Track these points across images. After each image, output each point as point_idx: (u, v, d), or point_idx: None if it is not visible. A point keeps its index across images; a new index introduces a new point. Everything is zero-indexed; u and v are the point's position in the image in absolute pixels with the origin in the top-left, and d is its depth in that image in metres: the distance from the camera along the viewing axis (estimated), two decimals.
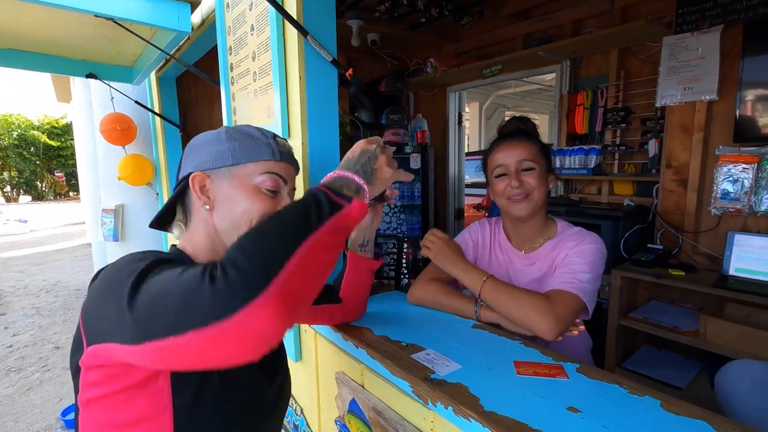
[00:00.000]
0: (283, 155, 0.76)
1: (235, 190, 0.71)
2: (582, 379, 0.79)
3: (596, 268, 1.05)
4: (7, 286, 5.46)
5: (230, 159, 0.71)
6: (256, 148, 0.73)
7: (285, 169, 0.76)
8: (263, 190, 0.72)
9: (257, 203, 0.71)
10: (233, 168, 0.71)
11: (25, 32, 1.87)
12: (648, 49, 2.38)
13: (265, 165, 0.73)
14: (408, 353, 0.90)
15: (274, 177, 0.73)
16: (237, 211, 0.70)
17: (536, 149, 1.12)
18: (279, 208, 0.66)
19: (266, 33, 1.18)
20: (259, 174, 0.72)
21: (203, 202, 0.71)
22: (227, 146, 0.72)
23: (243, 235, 0.49)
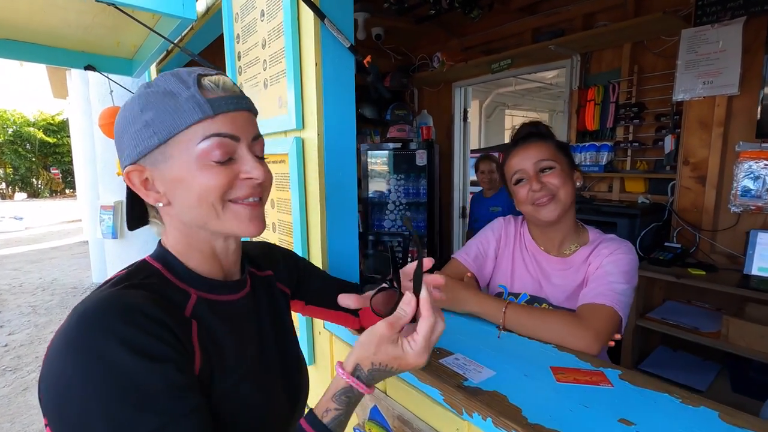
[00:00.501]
0: (218, 105, 0.54)
1: (178, 172, 0.54)
2: (627, 386, 0.74)
3: (631, 279, 0.99)
4: (3, 284, 5.37)
5: (154, 137, 0.53)
6: (177, 111, 0.53)
7: (230, 122, 0.55)
8: (209, 162, 0.54)
9: (210, 181, 0.54)
10: (164, 147, 0.54)
11: (22, 21, 1.79)
12: (662, 44, 2.33)
13: (198, 129, 0.53)
14: (435, 358, 0.84)
15: (217, 140, 0.53)
16: (192, 198, 0.55)
17: (553, 147, 1.05)
18: (241, 173, 0.56)
19: (278, 18, 1.11)
20: (197, 143, 0.53)
21: (153, 199, 0.57)
22: (146, 120, 0.53)
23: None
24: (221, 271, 0.63)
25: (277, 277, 0.78)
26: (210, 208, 0.55)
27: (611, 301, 0.92)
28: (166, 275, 0.58)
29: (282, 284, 0.79)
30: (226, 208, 0.56)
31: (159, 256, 0.60)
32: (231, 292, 0.64)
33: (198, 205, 0.55)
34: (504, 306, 0.96)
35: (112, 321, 0.45)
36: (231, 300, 0.63)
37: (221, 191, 0.55)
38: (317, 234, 1.09)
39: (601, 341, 0.88)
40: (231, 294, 0.64)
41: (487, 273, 1.21)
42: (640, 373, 0.79)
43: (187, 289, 0.58)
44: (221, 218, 0.56)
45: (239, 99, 0.57)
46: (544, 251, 1.13)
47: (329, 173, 1.07)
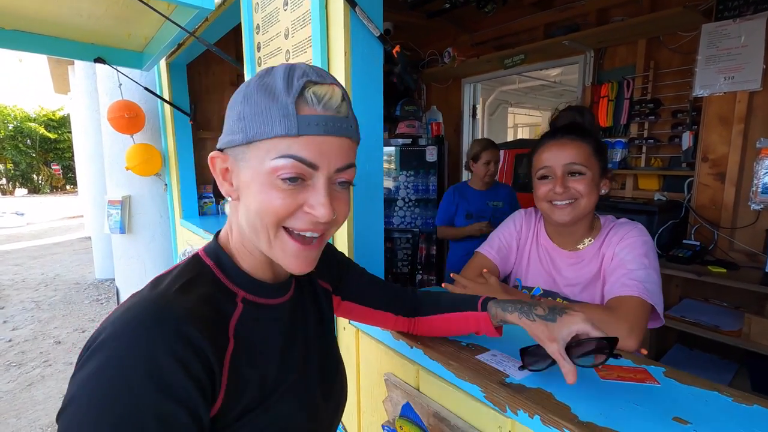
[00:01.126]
0: (307, 124, 0.48)
1: (250, 178, 0.50)
2: (675, 384, 0.72)
3: (650, 262, 0.96)
4: (5, 279, 5.35)
5: (241, 134, 0.50)
6: (266, 116, 0.48)
7: (314, 147, 0.49)
8: (277, 181, 0.49)
9: (270, 200, 0.49)
10: (246, 147, 0.50)
11: (33, 11, 1.77)
12: (679, 39, 2.30)
13: (278, 144, 0.48)
14: (471, 354, 0.82)
15: (290, 162, 0.48)
16: (251, 208, 0.51)
17: (590, 150, 1.00)
18: (306, 205, 0.50)
19: (304, 7, 1.09)
20: (273, 158, 0.48)
21: (226, 190, 0.54)
22: (242, 112, 0.50)
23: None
24: (272, 274, 0.60)
25: (318, 274, 0.74)
26: (263, 229, 0.51)
27: (637, 291, 0.90)
28: (218, 274, 0.55)
29: (323, 281, 0.75)
30: (278, 235, 0.52)
31: (212, 252, 0.57)
32: (278, 295, 0.60)
33: (254, 219, 0.51)
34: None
35: (154, 342, 0.41)
36: (278, 304, 0.60)
37: (278, 217, 0.50)
38: (343, 228, 1.07)
39: (637, 334, 0.86)
40: (278, 297, 0.60)
41: (511, 264, 1.20)
42: (691, 374, 0.76)
43: (236, 291, 0.55)
44: (271, 244, 0.52)
45: (337, 122, 0.50)
46: (558, 246, 1.11)
47: (357, 165, 1.05)
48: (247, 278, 0.57)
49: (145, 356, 0.40)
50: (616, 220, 1.08)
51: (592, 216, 1.08)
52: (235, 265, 0.56)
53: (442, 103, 3.68)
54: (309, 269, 0.55)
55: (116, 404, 0.38)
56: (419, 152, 3.14)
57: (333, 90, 0.50)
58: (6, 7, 1.69)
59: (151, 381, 0.40)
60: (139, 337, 0.41)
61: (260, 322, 0.56)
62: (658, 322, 0.93)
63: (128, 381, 0.39)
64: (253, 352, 0.53)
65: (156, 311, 0.44)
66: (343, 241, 1.08)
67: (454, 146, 3.67)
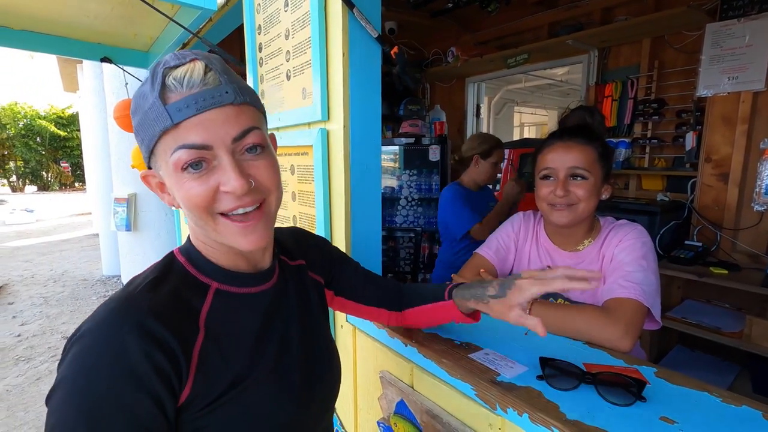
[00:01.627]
0: (178, 110, 0.48)
1: (168, 182, 0.52)
2: (665, 384, 0.72)
3: (648, 264, 0.96)
4: (15, 275, 5.43)
5: (143, 145, 0.52)
6: (145, 120, 0.50)
7: (198, 128, 0.48)
8: (183, 173, 0.50)
9: (187, 194, 0.50)
10: (153, 156, 0.52)
11: (40, 11, 1.80)
12: (684, 38, 2.29)
13: (166, 140, 0.49)
14: (464, 352, 0.83)
15: (183, 152, 0.48)
16: (183, 207, 0.53)
17: (595, 155, 1.00)
18: (220, 185, 0.50)
19: (303, 8, 1.10)
20: (169, 155, 0.49)
21: (168, 202, 0.55)
22: (135, 127, 0.53)
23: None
24: (247, 263, 0.60)
25: (309, 265, 0.75)
26: (202, 222, 0.52)
27: (634, 293, 0.90)
28: (189, 269, 0.57)
29: (315, 273, 0.76)
30: (217, 222, 0.52)
31: (184, 250, 0.59)
32: (256, 284, 0.61)
33: (191, 217, 0.53)
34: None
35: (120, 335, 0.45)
36: (255, 292, 0.60)
37: (204, 206, 0.51)
38: (341, 227, 1.08)
39: (632, 336, 0.86)
40: (255, 286, 0.61)
41: (509, 265, 1.20)
42: (675, 371, 0.77)
43: (209, 282, 0.57)
44: (217, 232, 0.53)
45: (208, 95, 0.48)
46: (558, 247, 1.12)
47: (354, 166, 1.06)
48: (219, 270, 0.58)
49: (112, 347, 0.45)
50: (616, 221, 1.09)
51: (593, 218, 1.08)
52: (206, 259, 0.58)
53: (445, 102, 3.68)
54: (262, 243, 0.55)
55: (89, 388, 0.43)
56: (422, 151, 3.15)
57: (193, 66, 0.49)
58: (16, 7, 1.72)
59: (118, 369, 0.44)
60: (109, 331, 0.46)
61: (234, 311, 0.57)
62: (654, 324, 0.93)
63: (98, 369, 0.44)
64: (224, 341, 0.54)
65: (122, 309, 0.48)
66: (341, 239, 1.09)
67: (458, 146, 3.67)
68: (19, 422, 2.39)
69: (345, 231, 1.07)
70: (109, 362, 0.44)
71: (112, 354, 0.44)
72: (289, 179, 1.27)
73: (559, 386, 0.70)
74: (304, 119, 1.15)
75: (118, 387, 0.43)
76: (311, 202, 1.16)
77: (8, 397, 2.64)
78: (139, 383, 0.44)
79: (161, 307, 0.49)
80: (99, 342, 0.45)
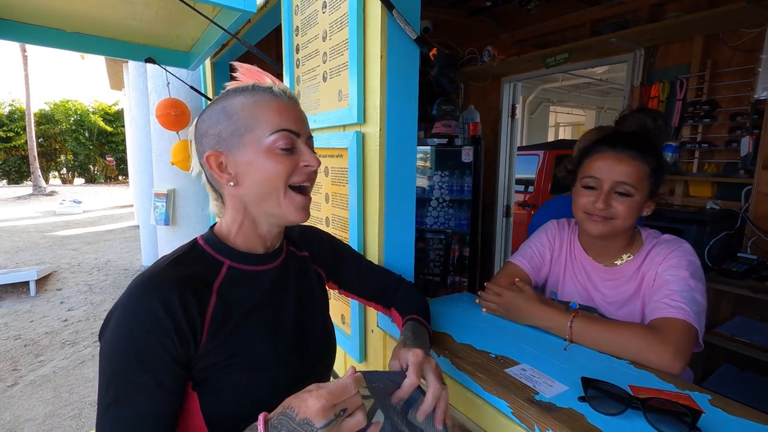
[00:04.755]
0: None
1: (251, 159, 0.66)
2: (721, 414, 0.67)
3: (695, 285, 0.90)
4: (63, 263, 5.77)
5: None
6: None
7: (293, 118, 0.68)
8: (277, 150, 0.66)
9: (276, 166, 0.66)
10: (242, 137, 0.67)
11: (92, 15, 1.88)
12: (740, 36, 2.14)
13: (269, 123, 0.66)
14: (500, 367, 0.80)
15: (284, 134, 0.67)
16: (260, 179, 0.67)
17: (647, 171, 0.93)
18: (301, 163, 0.68)
19: (342, 9, 1.09)
20: (267, 135, 0.66)
21: (226, 179, 0.68)
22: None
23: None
24: (262, 244, 0.73)
25: (313, 258, 0.87)
26: (274, 192, 0.67)
27: (683, 314, 0.84)
28: (207, 249, 0.69)
29: (318, 266, 0.87)
30: (287, 194, 0.68)
31: (206, 236, 0.72)
32: (263, 263, 0.73)
33: (264, 186, 0.67)
34: (570, 319, 0.90)
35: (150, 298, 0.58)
36: (261, 270, 0.73)
37: (285, 177, 0.67)
38: (374, 230, 1.07)
39: (682, 359, 0.81)
40: (262, 265, 0.73)
41: (543, 276, 1.16)
42: (733, 399, 0.71)
43: (222, 260, 0.69)
44: (280, 203, 0.68)
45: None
46: (593, 260, 1.06)
47: (390, 170, 1.04)
48: (233, 251, 0.71)
49: (143, 307, 0.58)
50: (660, 236, 1.02)
51: (632, 231, 1.02)
52: (223, 243, 0.70)
53: (480, 102, 3.61)
54: (307, 217, 0.72)
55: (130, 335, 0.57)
56: (455, 152, 3.09)
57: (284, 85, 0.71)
58: (68, 11, 1.81)
59: (150, 322, 0.57)
60: (141, 295, 0.59)
61: (242, 283, 0.70)
62: (697, 347, 0.87)
63: (136, 320, 0.58)
64: (231, 305, 0.66)
65: (151, 280, 0.61)
66: (374, 246, 1.08)
67: (492, 147, 3.59)
68: (63, 403, 2.53)
69: (378, 235, 1.06)
70: (143, 316, 0.57)
71: (144, 311, 0.57)
72: (323, 181, 1.27)
73: (604, 410, 0.66)
74: (340, 121, 1.14)
75: (151, 334, 0.57)
76: (344, 205, 1.15)
77: (55, 379, 2.80)
78: (166, 332, 0.57)
79: (183, 277, 0.62)
80: (133, 304, 0.58)
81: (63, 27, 2.05)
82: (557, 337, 0.92)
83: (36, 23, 1.96)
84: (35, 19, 1.92)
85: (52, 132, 20.23)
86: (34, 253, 6.33)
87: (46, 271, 4.95)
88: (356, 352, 1.16)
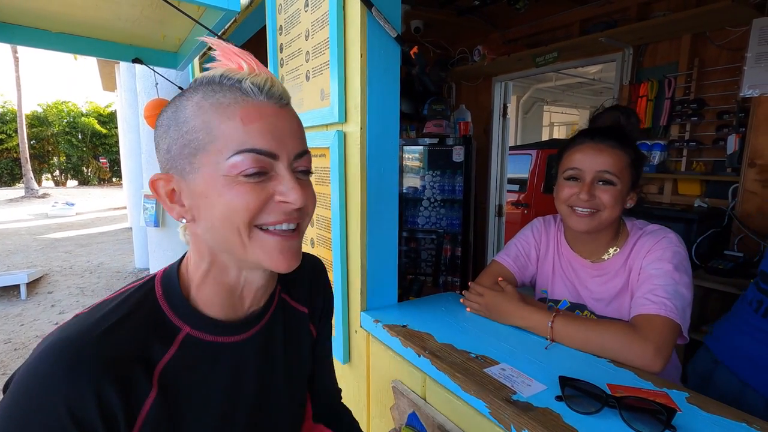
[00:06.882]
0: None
1: (205, 189, 0.47)
2: (697, 412, 0.67)
3: (680, 277, 0.89)
4: (55, 265, 5.71)
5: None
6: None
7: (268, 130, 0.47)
8: (240, 178, 0.46)
9: (235, 200, 0.46)
10: (194, 157, 0.47)
11: (77, 16, 1.86)
12: (727, 35, 2.15)
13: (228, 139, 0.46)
14: (480, 367, 0.80)
15: (250, 157, 0.46)
16: (216, 217, 0.47)
17: (627, 161, 0.94)
18: (276, 195, 0.48)
19: (323, 8, 1.08)
20: (226, 157, 0.46)
21: (177, 213, 0.50)
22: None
23: None
24: (236, 307, 0.55)
25: (311, 316, 0.68)
26: (235, 233, 0.48)
27: (665, 310, 0.84)
28: (162, 305, 0.51)
29: (314, 325, 0.69)
30: (253, 236, 0.48)
31: (166, 278, 0.53)
32: (237, 333, 0.55)
33: (222, 227, 0.47)
34: (550, 319, 0.90)
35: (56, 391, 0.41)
36: (231, 342, 0.54)
37: (250, 216, 0.47)
38: (356, 229, 1.06)
39: (663, 357, 0.80)
40: (236, 335, 0.54)
41: (530, 274, 1.15)
42: (709, 397, 0.71)
43: (180, 326, 0.51)
44: (247, 247, 0.49)
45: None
46: (580, 256, 1.06)
47: (371, 168, 1.04)
48: (197, 313, 0.52)
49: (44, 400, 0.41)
50: (646, 226, 1.02)
51: (618, 224, 1.02)
52: (184, 298, 0.52)
53: (471, 101, 3.61)
54: (297, 263, 0.51)
55: None
56: (446, 152, 3.09)
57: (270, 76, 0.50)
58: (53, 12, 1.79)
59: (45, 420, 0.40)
60: (47, 383, 0.41)
61: (199, 363, 0.51)
62: (681, 339, 0.87)
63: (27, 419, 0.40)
64: (177, 398, 0.49)
65: (72, 359, 0.42)
66: (356, 245, 1.07)
67: (483, 146, 3.59)
68: None
69: (360, 234, 1.05)
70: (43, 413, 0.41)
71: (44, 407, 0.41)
72: None
73: (580, 409, 0.66)
74: (322, 120, 1.13)
75: None
76: (328, 205, 1.15)
77: None
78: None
79: (111, 361, 0.44)
80: (32, 393, 0.41)
81: (48, 27, 2.03)
82: (540, 336, 0.92)
83: (21, 23, 1.94)
84: (20, 19, 1.90)
85: (45, 134, 20.07)
86: (25, 256, 6.27)
87: (37, 274, 4.90)
88: (340, 353, 1.15)
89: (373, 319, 1.02)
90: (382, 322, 1.00)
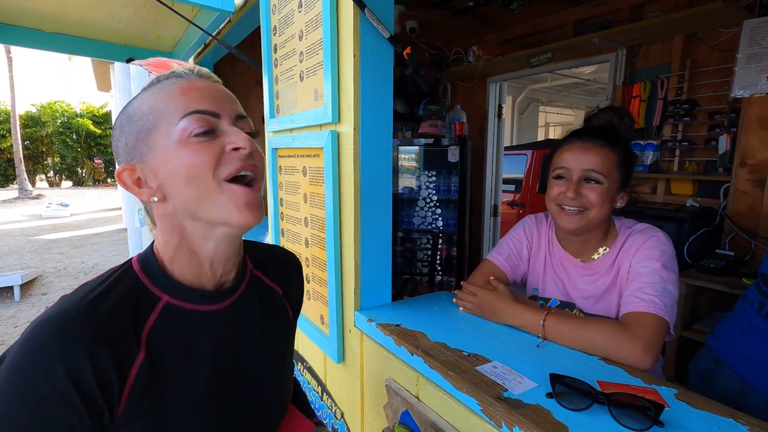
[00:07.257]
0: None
1: (164, 158, 0.52)
2: (686, 408, 0.68)
3: (668, 275, 0.91)
4: (49, 267, 5.68)
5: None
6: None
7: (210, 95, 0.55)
8: (191, 139, 0.52)
9: (194, 156, 0.51)
10: (149, 138, 0.53)
11: (71, 16, 1.86)
12: (718, 36, 2.17)
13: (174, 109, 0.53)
14: (472, 365, 0.80)
15: (196, 117, 0.52)
16: (183, 177, 0.52)
17: (615, 160, 0.95)
18: (228, 146, 0.53)
19: (316, 9, 1.09)
20: (175, 124, 0.52)
21: (147, 195, 0.54)
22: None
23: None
24: (209, 277, 0.59)
25: (285, 295, 0.73)
26: (206, 190, 0.52)
27: (654, 308, 0.85)
28: (142, 278, 0.55)
29: (289, 302, 0.74)
30: (223, 189, 0.53)
31: (143, 257, 0.58)
32: (214, 301, 0.59)
33: (188, 186, 0.52)
34: (542, 317, 0.91)
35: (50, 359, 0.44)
36: (209, 311, 0.58)
37: (210, 168, 0.52)
38: (350, 229, 1.06)
39: (652, 353, 0.82)
40: (212, 304, 0.59)
41: (521, 272, 1.16)
42: (698, 393, 0.72)
43: (160, 295, 0.55)
44: (217, 203, 0.53)
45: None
46: (570, 255, 1.07)
47: (364, 168, 1.04)
48: (174, 283, 0.56)
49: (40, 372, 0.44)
50: (635, 225, 1.03)
51: (607, 223, 1.03)
52: (162, 270, 0.56)
53: (466, 102, 3.62)
54: (258, 219, 0.55)
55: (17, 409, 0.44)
56: (441, 152, 3.10)
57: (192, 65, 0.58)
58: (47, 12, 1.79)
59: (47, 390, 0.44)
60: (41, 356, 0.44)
61: (182, 330, 0.55)
62: (668, 336, 0.88)
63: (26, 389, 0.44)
64: (164, 360, 0.53)
65: (58, 330, 0.46)
66: (350, 245, 1.08)
67: (479, 147, 3.61)
68: None
69: (354, 234, 1.06)
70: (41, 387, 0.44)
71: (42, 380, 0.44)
72: (301, 181, 1.27)
73: (570, 406, 0.67)
74: (316, 121, 1.14)
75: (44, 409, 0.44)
76: (321, 205, 1.15)
77: None
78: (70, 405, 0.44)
79: (101, 325, 0.48)
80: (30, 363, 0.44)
81: (42, 27, 2.02)
82: (532, 334, 0.93)
83: (14, 23, 1.94)
84: (14, 19, 1.89)
85: (39, 134, 19.94)
86: (19, 257, 6.23)
87: (31, 276, 4.87)
88: (334, 352, 1.16)
89: (367, 319, 1.03)
90: (376, 321, 1.00)
